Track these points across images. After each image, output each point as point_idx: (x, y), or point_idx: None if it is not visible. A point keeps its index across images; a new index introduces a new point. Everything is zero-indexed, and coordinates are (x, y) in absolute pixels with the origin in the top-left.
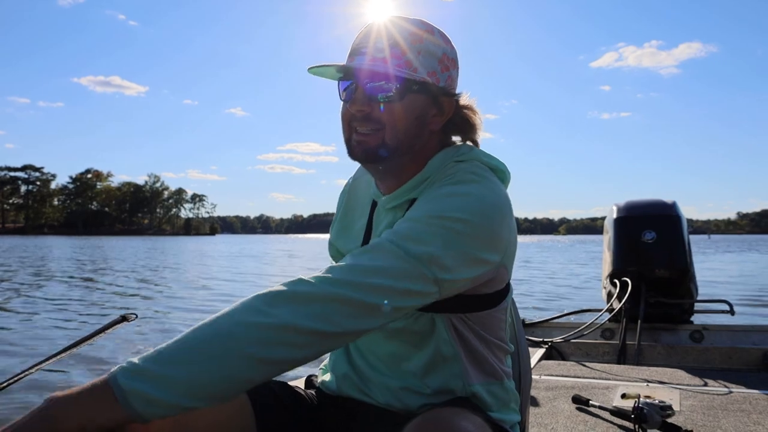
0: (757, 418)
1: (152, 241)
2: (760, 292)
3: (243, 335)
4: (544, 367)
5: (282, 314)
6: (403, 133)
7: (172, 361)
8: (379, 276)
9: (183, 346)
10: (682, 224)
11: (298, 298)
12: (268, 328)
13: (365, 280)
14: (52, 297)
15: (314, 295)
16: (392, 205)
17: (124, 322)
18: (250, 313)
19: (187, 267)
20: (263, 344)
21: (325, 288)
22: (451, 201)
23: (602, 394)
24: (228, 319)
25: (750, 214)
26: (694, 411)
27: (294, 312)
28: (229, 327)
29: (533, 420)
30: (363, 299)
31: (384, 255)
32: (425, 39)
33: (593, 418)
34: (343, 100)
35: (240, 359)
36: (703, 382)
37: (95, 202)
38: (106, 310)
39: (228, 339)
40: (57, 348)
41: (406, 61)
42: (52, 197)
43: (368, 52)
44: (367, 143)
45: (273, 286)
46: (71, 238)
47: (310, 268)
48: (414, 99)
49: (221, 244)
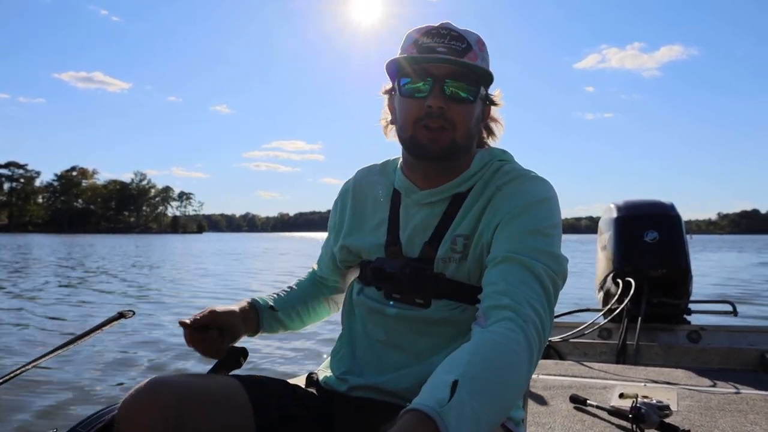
0: (755, 418)
1: (140, 240)
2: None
3: (518, 376)
4: (542, 366)
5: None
6: (469, 134)
7: (480, 395)
8: (551, 308)
9: (481, 381)
10: (681, 225)
11: (532, 349)
12: (521, 382)
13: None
14: (39, 295)
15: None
16: (432, 200)
17: (122, 319)
18: (519, 357)
19: (183, 264)
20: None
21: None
22: (541, 208)
23: (600, 393)
24: (505, 358)
25: (730, 215)
26: (692, 411)
27: (528, 362)
28: (512, 383)
29: (531, 419)
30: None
31: (550, 286)
32: (484, 48)
33: (591, 418)
34: (413, 97)
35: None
36: (700, 383)
37: (80, 200)
38: (96, 308)
39: (508, 377)
40: (50, 346)
41: (485, 64)
42: (36, 195)
43: (445, 51)
44: (439, 140)
45: (531, 332)
46: (57, 237)
47: (305, 267)
48: (479, 104)
49: (212, 242)
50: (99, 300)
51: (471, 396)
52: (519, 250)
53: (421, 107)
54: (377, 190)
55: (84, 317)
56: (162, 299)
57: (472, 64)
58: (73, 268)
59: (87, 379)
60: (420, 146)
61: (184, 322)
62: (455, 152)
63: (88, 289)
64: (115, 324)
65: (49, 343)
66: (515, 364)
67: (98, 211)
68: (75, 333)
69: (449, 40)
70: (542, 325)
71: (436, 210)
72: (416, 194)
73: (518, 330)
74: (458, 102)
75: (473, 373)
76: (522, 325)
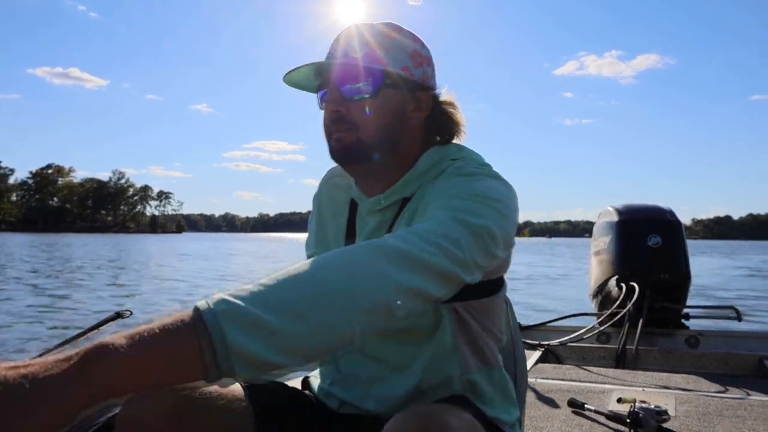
0: (752, 424)
1: (119, 239)
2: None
3: (365, 297)
4: (540, 370)
5: (401, 277)
6: (381, 130)
7: (280, 308)
8: (457, 247)
9: (299, 294)
10: (682, 229)
11: (401, 257)
12: (394, 281)
13: (448, 247)
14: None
15: (427, 264)
16: (382, 207)
17: (119, 319)
18: (380, 278)
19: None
20: (378, 307)
21: (420, 248)
22: (481, 183)
23: (598, 398)
24: (347, 268)
25: (704, 221)
26: (690, 416)
27: (403, 271)
28: (349, 279)
29: (528, 423)
30: (448, 269)
31: (453, 227)
32: (395, 37)
33: (589, 422)
34: (322, 108)
35: (350, 321)
36: (699, 388)
37: (56, 198)
38: (83, 308)
39: (351, 298)
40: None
41: (376, 57)
42: (10, 193)
43: (339, 55)
44: (343, 142)
45: (389, 239)
46: (31, 235)
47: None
48: (388, 94)
49: (193, 242)
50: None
51: (269, 297)
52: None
53: (329, 115)
54: (338, 196)
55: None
56: (153, 299)
57: (360, 63)
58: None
59: None
60: (332, 153)
61: None
62: (364, 151)
63: (82, 289)
64: (112, 324)
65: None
66: (365, 267)
67: (74, 209)
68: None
69: (347, 43)
70: (451, 247)
71: (386, 216)
72: (365, 202)
73: (406, 237)
74: (357, 99)
75: (291, 274)
76: (415, 234)
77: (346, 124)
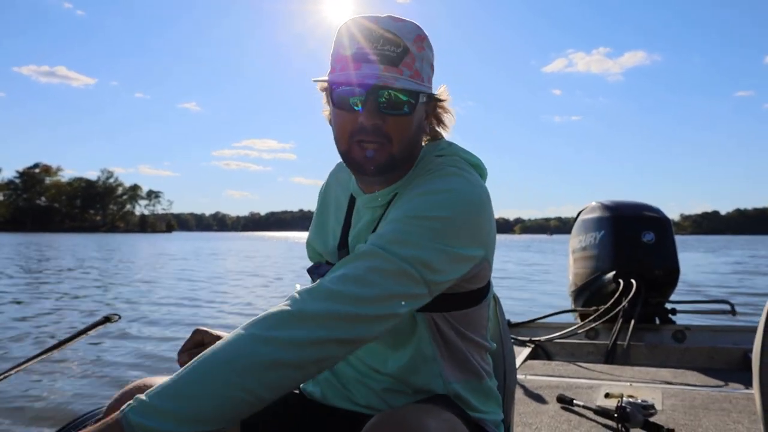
0: (737, 416)
1: (109, 240)
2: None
3: (243, 367)
4: (530, 366)
5: (282, 337)
6: (410, 145)
7: (176, 395)
8: (373, 286)
9: (187, 380)
10: (671, 226)
11: (295, 318)
12: (268, 357)
13: (359, 291)
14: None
15: (312, 314)
16: (376, 204)
17: (107, 323)
18: (249, 342)
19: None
20: (264, 372)
21: (321, 305)
22: (433, 198)
23: (586, 393)
24: (229, 349)
25: (692, 216)
26: (676, 410)
27: (293, 335)
28: (228, 358)
29: (517, 419)
30: (359, 312)
31: (374, 261)
32: (424, 44)
33: (577, 418)
34: (345, 110)
35: (242, 391)
36: (685, 382)
37: (44, 198)
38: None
39: (229, 372)
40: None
41: (415, 71)
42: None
43: (377, 60)
44: (377, 159)
45: (270, 308)
46: (18, 235)
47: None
48: (420, 110)
49: (186, 241)
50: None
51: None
52: (379, 236)
53: (354, 121)
54: (340, 190)
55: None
56: (146, 301)
57: (405, 85)
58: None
59: (73, 383)
60: (356, 163)
61: (182, 360)
62: (393, 166)
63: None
64: (100, 328)
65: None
66: (234, 347)
67: (63, 209)
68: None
69: (382, 45)
70: (328, 293)
71: (378, 212)
72: (361, 198)
73: (288, 303)
74: (395, 115)
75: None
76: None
77: (380, 137)
